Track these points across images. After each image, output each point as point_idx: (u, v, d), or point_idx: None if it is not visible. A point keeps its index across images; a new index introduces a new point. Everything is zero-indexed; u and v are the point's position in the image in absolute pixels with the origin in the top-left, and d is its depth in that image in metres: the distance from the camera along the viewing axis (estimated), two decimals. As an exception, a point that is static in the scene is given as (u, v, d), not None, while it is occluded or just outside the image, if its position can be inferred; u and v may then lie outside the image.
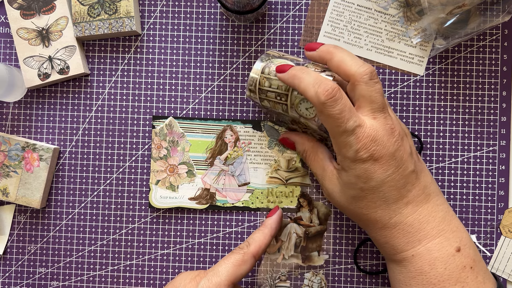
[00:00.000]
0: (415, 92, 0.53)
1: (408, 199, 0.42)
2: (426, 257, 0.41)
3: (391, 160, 0.41)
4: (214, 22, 0.54)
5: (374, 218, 0.42)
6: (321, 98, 0.40)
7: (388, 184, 0.41)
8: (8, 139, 0.52)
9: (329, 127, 0.41)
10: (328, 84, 0.40)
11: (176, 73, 0.54)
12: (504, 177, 0.52)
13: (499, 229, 0.52)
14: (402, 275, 0.43)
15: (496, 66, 0.52)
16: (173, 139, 0.53)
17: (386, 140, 0.41)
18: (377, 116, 0.41)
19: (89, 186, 0.54)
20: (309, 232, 0.52)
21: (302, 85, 0.42)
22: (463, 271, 0.41)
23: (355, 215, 0.44)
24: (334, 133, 0.41)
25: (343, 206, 0.44)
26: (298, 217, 0.52)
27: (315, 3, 0.53)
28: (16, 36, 0.52)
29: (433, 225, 0.42)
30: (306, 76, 0.42)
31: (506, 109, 0.52)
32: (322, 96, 0.39)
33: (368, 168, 0.40)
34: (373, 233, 0.44)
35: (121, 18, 0.52)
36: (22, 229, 0.54)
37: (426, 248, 0.41)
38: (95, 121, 0.54)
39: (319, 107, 0.40)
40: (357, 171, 0.41)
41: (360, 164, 0.41)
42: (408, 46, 0.53)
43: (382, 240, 0.43)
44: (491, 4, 0.51)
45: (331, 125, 0.40)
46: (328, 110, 0.40)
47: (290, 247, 0.52)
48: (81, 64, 0.52)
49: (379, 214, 0.42)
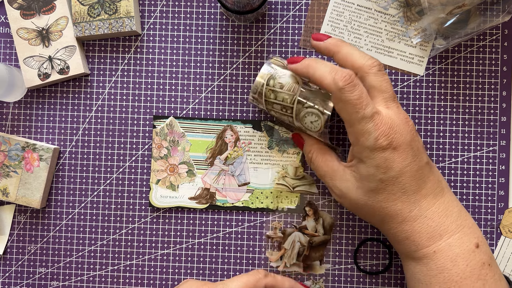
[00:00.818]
0: (415, 92, 0.53)
1: (426, 191, 0.41)
2: (448, 253, 0.40)
3: (408, 149, 0.40)
4: (214, 22, 0.54)
5: (394, 211, 0.41)
6: (339, 84, 0.39)
7: (407, 174, 0.40)
8: (8, 139, 0.52)
9: (346, 114, 0.40)
10: (344, 71, 0.40)
11: (176, 73, 0.54)
12: (504, 177, 0.52)
13: (499, 229, 0.52)
14: (422, 274, 0.41)
15: (496, 66, 0.52)
16: (174, 139, 0.53)
17: (402, 128, 0.40)
18: (390, 105, 0.41)
19: (89, 186, 0.54)
20: (313, 242, 0.52)
21: (317, 73, 0.41)
22: (483, 268, 0.40)
23: (373, 210, 0.42)
24: (352, 120, 0.40)
25: (359, 203, 0.43)
26: (303, 226, 0.52)
27: (315, 3, 0.53)
28: (16, 36, 0.52)
29: (451, 219, 0.41)
30: (321, 65, 0.41)
31: (506, 109, 0.52)
32: (340, 81, 0.39)
33: (388, 157, 0.40)
34: (392, 229, 0.43)
35: (121, 18, 0.52)
36: (22, 229, 0.54)
37: (447, 244, 0.40)
38: (95, 121, 0.54)
39: (337, 93, 0.40)
40: (376, 161, 0.40)
41: (379, 153, 0.40)
42: (408, 46, 0.53)
43: (402, 235, 0.42)
44: (491, 4, 0.51)
45: (349, 111, 0.40)
46: (346, 95, 0.39)
47: (292, 256, 0.52)
48: (81, 64, 0.52)
49: (399, 206, 0.41)
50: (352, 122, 0.40)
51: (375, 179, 0.41)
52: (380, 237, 0.52)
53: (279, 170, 0.52)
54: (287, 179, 0.52)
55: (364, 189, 0.42)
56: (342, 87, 0.39)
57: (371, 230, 0.52)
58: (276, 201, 0.52)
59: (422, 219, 0.41)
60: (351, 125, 0.40)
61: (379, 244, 0.52)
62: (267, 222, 0.53)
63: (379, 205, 0.42)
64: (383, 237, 0.52)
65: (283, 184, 0.52)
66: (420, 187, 0.41)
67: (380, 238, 0.52)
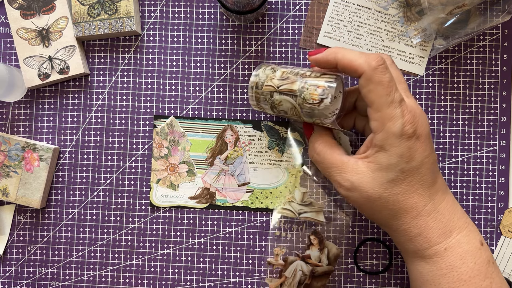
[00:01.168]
0: (415, 92, 0.53)
1: (438, 186, 0.41)
2: (457, 250, 0.40)
3: (428, 140, 0.40)
4: (214, 22, 0.54)
5: (410, 205, 0.40)
6: (372, 63, 0.39)
7: (426, 166, 0.40)
8: (8, 139, 0.52)
9: (376, 97, 0.39)
10: (375, 53, 0.40)
11: (176, 73, 0.54)
12: (504, 177, 0.52)
13: (499, 229, 0.52)
14: (431, 274, 0.41)
15: (496, 66, 0.52)
16: (174, 139, 0.53)
17: (423, 118, 0.40)
18: (409, 96, 0.41)
19: (89, 186, 0.54)
20: (315, 272, 0.50)
21: (347, 56, 0.40)
22: (489, 265, 0.40)
23: (386, 204, 0.41)
24: (381, 103, 0.39)
25: (373, 196, 0.41)
26: (307, 256, 0.50)
27: (315, 3, 0.53)
28: (16, 36, 0.52)
29: (458, 215, 0.41)
30: (349, 50, 0.41)
31: (506, 109, 0.52)
32: (374, 61, 0.39)
33: (412, 146, 0.39)
34: (405, 225, 0.41)
35: (121, 18, 0.52)
36: (22, 229, 0.54)
37: (457, 241, 0.40)
38: (95, 121, 0.54)
39: (369, 73, 0.39)
40: (401, 149, 0.39)
41: (405, 141, 0.39)
42: (408, 46, 0.53)
43: (415, 231, 0.41)
44: (491, 4, 0.51)
45: (379, 93, 0.39)
46: (379, 76, 0.38)
47: (293, 284, 0.50)
48: (81, 64, 0.52)
49: (415, 199, 0.40)
50: (380, 106, 0.39)
51: (396, 169, 0.39)
52: (380, 237, 0.52)
53: (286, 194, 0.51)
54: (293, 205, 0.51)
55: (380, 180, 0.40)
56: (376, 66, 0.38)
57: (371, 230, 0.52)
58: (276, 201, 0.52)
59: (435, 214, 0.40)
60: (379, 109, 0.39)
61: (379, 244, 0.52)
62: (268, 247, 0.52)
63: (395, 197, 0.40)
64: (383, 237, 0.52)
65: (288, 209, 0.50)
66: (434, 181, 0.41)
67: (380, 238, 0.52)
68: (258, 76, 0.46)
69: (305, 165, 0.52)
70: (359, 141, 0.52)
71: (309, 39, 0.53)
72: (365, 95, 0.40)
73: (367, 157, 0.41)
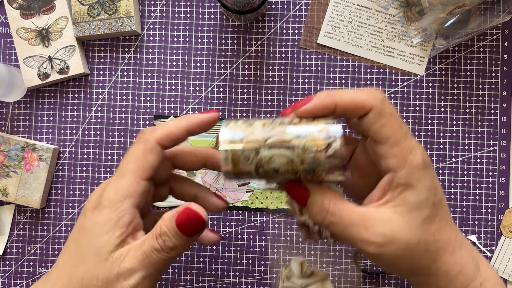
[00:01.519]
0: (415, 92, 0.53)
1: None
2: (489, 283, 0.35)
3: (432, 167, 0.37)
4: (214, 22, 0.54)
5: (446, 241, 0.35)
6: (379, 96, 0.34)
7: (443, 194, 0.36)
8: (8, 139, 0.52)
9: (391, 131, 0.34)
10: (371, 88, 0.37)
11: (176, 73, 0.54)
12: (505, 177, 0.52)
13: (500, 229, 0.52)
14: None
15: (496, 66, 0.52)
16: (173, 139, 0.53)
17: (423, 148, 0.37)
18: None
19: (89, 186, 0.53)
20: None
21: (347, 96, 0.34)
22: None
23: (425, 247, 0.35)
24: (398, 137, 0.34)
25: (412, 243, 0.34)
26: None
27: (315, 3, 0.53)
28: (16, 36, 0.52)
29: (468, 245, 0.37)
30: (341, 91, 0.35)
31: (506, 109, 0.52)
32: (379, 93, 0.34)
33: (434, 175, 0.35)
34: (446, 265, 0.35)
35: (121, 18, 0.51)
36: (22, 229, 0.54)
37: (486, 273, 0.36)
38: (95, 121, 0.54)
39: (380, 106, 0.34)
40: (428, 181, 0.34)
41: (429, 171, 0.34)
42: (408, 46, 0.53)
43: (456, 269, 0.35)
44: (491, 4, 0.51)
45: (394, 126, 0.34)
46: (390, 107, 0.34)
47: None
48: (81, 64, 0.52)
49: (448, 233, 0.35)
50: (398, 140, 0.34)
51: (428, 204, 0.34)
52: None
53: (282, 270, 0.43)
54: (294, 279, 0.42)
55: (415, 222, 0.34)
56: (383, 98, 0.34)
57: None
58: (276, 201, 0.52)
59: (463, 246, 0.36)
60: (397, 143, 0.34)
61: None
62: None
63: (432, 237, 0.35)
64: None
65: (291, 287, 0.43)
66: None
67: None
68: (232, 132, 0.34)
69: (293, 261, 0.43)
70: None
71: (309, 39, 0.53)
72: (377, 131, 0.34)
73: (388, 201, 0.35)
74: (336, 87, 0.53)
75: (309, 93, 0.53)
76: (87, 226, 0.34)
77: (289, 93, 0.53)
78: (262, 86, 0.53)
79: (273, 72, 0.53)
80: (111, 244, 0.32)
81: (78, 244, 0.34)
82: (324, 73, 0.53)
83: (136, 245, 0.33)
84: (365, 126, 0.35)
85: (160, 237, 0.33)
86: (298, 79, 0.53)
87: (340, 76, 0.53)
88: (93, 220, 0.33)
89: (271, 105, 0.53)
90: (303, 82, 0.53)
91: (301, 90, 0.53)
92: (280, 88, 0.53)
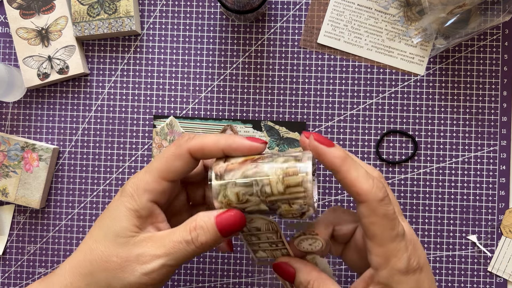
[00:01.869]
0: (416, 92, 0.52)
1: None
2: None
3: (429, 268, 0.36)
4: (214, 22, 0.54)
5: None
6: (379, 195, 0.33)
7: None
8: (7, 139, 0.52)
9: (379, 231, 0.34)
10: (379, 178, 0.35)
11: (176, 73, 0.54)
12: (505, 177, 0.52)
13: (500, 229, 0.52)
14: None
15: (496, 66, 0.52)
16: (174, 139, 0.53)
17: (420, 246, 0.36)
18: (404, 220, 0.37)
19: (89, 186, 0.53)
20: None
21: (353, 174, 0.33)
22: None
23: None
24: (385, 238, 0.33)
25: None
26: None
27: (315, 3, 0.53)
28: (15, 35, 0.52)
29: None
30: (357, 165, 0.34)
31: (506, 109, 0.52)
32: (380, 192, 0.33)
33: (418, 279, 0.34)
34: None
35: (121, 17, 0.51)
36: (21, 229, 0.54)
37: None
38: (94, 121, 0.54)
39: (374, 204, 0.33)
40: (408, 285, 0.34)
41: (411, 276, 0.34)
42: (408, 46, 0.52)
43: None
44: (491, 3, 0.51)
45: (384, 227, 0.33)
46: (384, 208, 0.33)
47: None
48: (80, 64, 0.52)
49: None
50: (384, 240, 0.34)
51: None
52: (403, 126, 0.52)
53: None
54: None
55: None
56: (382, 198, 0.33)
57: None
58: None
59: None
60: (382, 244, 0.34)
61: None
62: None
63: None
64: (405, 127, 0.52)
65: None
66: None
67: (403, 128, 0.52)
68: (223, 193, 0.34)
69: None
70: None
71: (309, 39, 0.53)
72: (366, 226, 0.34)
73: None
74: (336, 87, 0.53)
75: (309, 92, 0.53)
76: (111, 209, 0.35)
77: (289, 93, 0.53)
78: (262, 86, 0.53)
79: (273, 72, 0.53)
80: (130, 230, 0.34)
81: (101, 224, 0.35)
82: (324, 73, 0.53)
83: (162, 234, 0.34)
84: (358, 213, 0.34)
85: (194, 230, 0.34)
86: (298, 79, 0.53)
87: (340, 76, 0.53)
88: (117, 204, 0.35)
89: (271, 105, 0.53)
90: (303, 82, 0.53)
91: (301, 90, 0.53)
92: (280, 88, 0.53)
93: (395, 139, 0.53)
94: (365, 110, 0.53)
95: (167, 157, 0.35)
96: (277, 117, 0.53)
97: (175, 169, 0.35)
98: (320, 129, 0.53)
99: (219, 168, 0.34)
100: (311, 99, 0.53)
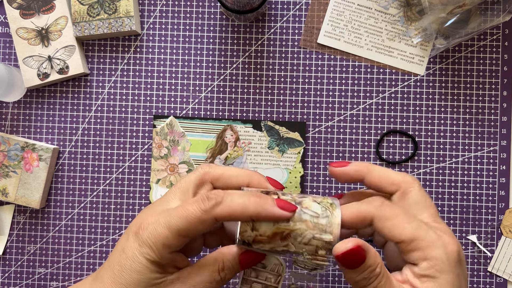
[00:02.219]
0: (416, 92, 0.52)
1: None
2: None
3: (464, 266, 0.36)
4: (214, 22, 0.54)
5: None
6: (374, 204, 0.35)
7: None
8: (7, 139, 0.52)
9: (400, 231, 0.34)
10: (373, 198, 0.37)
11: (176, 73, 0.54)
12: (505, 177, 0.52)
13: (500, 229, 0.52)
14: None
15: (496, 66, 0.52)
16: (174, 139, 0.53)
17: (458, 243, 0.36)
18: (438, 221, 0.37)
19: (89, 186, 0.53)
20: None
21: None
22: None
23: None
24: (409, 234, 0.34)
25: None
26: None
27: (315, 3, 0.53)
28: (15, 35, 0.52)
29: None
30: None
31: (506, 109, 0.52)
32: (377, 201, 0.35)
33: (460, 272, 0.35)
34: None
35: (121, 17, 0.51)
36: (21, 229, 0.54)
37: None
38: (94, 121, 0.54)
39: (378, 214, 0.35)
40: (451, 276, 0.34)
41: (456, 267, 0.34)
42: (408, 46, 0.52)
43: None
44: (491, 3, 0.51)
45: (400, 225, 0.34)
46: (389, 209, 0.35)
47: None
48: (80, 64, 0.52)
49: None
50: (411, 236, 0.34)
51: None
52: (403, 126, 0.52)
53: None
54: None
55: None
56: (381, 204, 0.35)
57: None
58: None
59: None
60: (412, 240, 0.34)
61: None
62: None
63: None
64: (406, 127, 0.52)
65: None
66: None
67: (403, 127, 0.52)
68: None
69: None
70: None
71: (309, 39, 0.53)
72: (387, 235, 0.35)
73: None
74: (336, 87, 0.53)
75: (309, 92, 0.53)
76: (128, 253, 0.35)
77: (289, 93, 0.53)
78: (262, 86, 0.53)
79: (273, 72, 0.53)
80: (156, 278, 0.35)
81: (122, 268, 0.35)
82: (324, 73, 0.53)
83: (188, 273, 0.35)
84: (377, 232, 0.36)
85: (223, 271, 0.35)
86: (298, 79, 0.53)
87: (340, 76, 0.53)
88: (135, 254, 0.34)
89: (271, 105, 0.53)
90: (303, 82, 0.53)
91: (301, 90, 0.53)
92: (280, 88, 0.53)
93: (395, 139, 0.53)
94: (365, 110, 0.53)
95: (190, 220, 0.33)
96: (277, 117, 0.53)
97: (197, 231, 0.34)
98: (320, 129, 0.53)
99: (247, 237, 0.33)
100: (311, 99, 0.53)
